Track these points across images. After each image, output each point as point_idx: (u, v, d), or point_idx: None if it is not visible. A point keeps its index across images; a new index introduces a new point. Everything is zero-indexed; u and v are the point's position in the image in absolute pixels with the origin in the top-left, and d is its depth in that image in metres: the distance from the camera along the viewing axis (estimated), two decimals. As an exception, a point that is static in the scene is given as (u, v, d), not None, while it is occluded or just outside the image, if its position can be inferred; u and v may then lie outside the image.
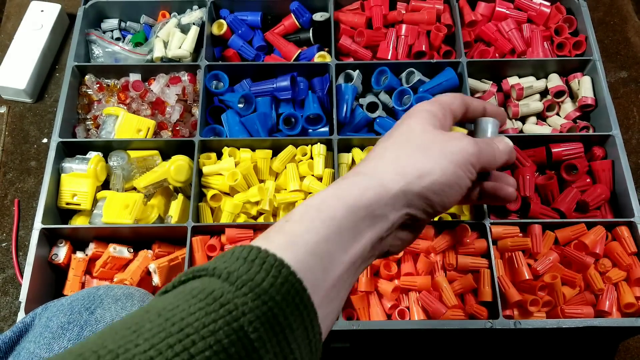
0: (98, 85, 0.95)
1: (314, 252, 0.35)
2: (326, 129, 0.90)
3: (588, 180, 0.86)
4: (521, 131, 0.94)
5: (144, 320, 0.29)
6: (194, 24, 1.00)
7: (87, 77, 0.95)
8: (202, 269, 0.33)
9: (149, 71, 0.97)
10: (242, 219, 0.84)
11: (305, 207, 0.38)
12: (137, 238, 0.82)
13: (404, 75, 0.94)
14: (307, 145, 0.87)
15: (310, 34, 1.00)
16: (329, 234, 0.37)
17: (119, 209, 0.80)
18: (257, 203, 0.83)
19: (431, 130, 0.44)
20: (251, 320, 0.30)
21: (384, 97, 0.94)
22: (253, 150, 0.87)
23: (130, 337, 0.28)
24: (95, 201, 0.85)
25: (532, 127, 0.94)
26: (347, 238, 0.38)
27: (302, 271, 0.34)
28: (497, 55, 0.98)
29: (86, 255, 0.81)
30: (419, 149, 0.42)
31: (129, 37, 1.03)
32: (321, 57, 0.96)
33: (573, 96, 0.96)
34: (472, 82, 0.94)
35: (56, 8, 1.09)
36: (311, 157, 0.87)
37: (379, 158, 0.43)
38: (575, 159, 0.86)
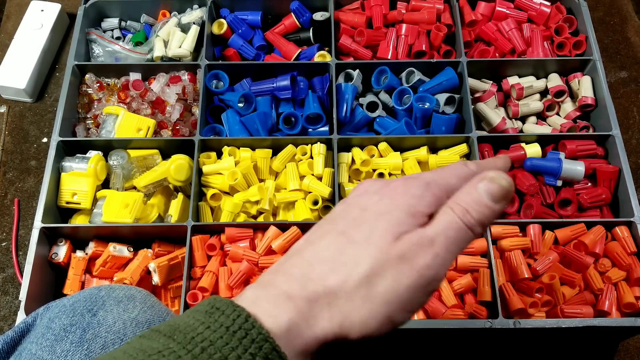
0: (98, 84, 0.95)
1: None
2: (326, 128, 0.90)
3: (589, 184, 0.86)
4: (521, 131, 0.94)
5: None
6: (194, 23, 1.00)
7: (87, 76, 0.95)
8: None
9: (149, 70, 0.97)
10: (241, 218, 0.84)
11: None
12: (137, 237, 0.82)
13: (404, 74, 0.94)
14: (307, 145, 0.87)
15: (311, 34, 1.00)
16: None
17: (119, 208, 0.80)
18: (257, 202, 0.83)
19: None
20: None
21: (384, 96, 0.94)
22: (253, 149, 0.87)
23: None
24: (95, 200, 0.85)
25: (532, 127, 0.94)
26: None
27: None
28: (497, 55, 0.98)
29: (86, 254, 0.81)
30: None
31: (129, 36, 1.03)
32: (321, 56, 0.96)
33: (573, 96, 0.96)
34: (472, 82, 0.94)
35: (56, 7, 1.09)
36: (311, 157, 0.87)
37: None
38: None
